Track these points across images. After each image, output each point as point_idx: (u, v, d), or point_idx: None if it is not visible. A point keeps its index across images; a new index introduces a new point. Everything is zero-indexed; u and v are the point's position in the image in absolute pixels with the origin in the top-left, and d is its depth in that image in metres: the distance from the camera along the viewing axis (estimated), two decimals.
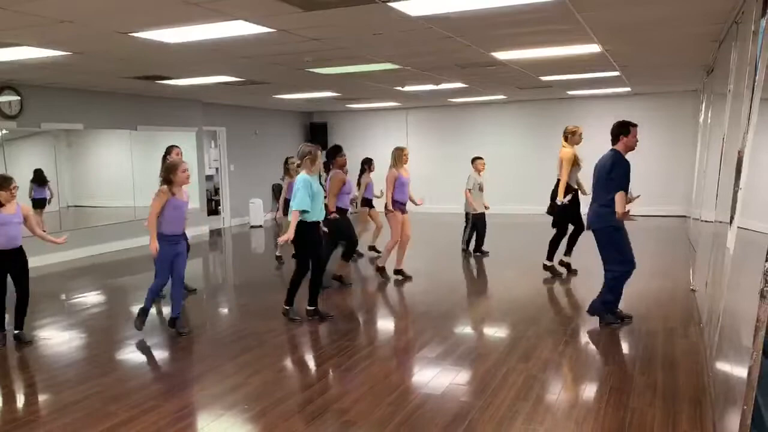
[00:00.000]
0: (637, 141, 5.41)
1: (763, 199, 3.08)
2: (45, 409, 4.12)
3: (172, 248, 5.53)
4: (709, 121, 7.71)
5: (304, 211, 5.68)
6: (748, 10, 4.12)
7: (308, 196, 5.66)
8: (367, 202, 9.39)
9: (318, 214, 5.85)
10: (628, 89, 12.27)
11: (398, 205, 7.58)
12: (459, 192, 9.22)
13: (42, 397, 4.38)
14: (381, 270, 7.83)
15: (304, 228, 5.75)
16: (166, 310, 6.13)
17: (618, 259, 5.41)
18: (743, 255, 3.12)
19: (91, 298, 7.45)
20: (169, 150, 7.16)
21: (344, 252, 7.46)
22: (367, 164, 9.46)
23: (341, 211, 7.25)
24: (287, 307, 6.05)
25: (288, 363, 5.04)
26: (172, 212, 5.44)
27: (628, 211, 5.24)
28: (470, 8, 4.88)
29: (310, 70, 8.21)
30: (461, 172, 9.26)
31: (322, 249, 6.13)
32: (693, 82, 11.22)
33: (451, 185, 10.03)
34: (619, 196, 5.23)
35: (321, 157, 6.02)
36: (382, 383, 4.35)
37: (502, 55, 7.38)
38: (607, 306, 5.56)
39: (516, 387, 4.18)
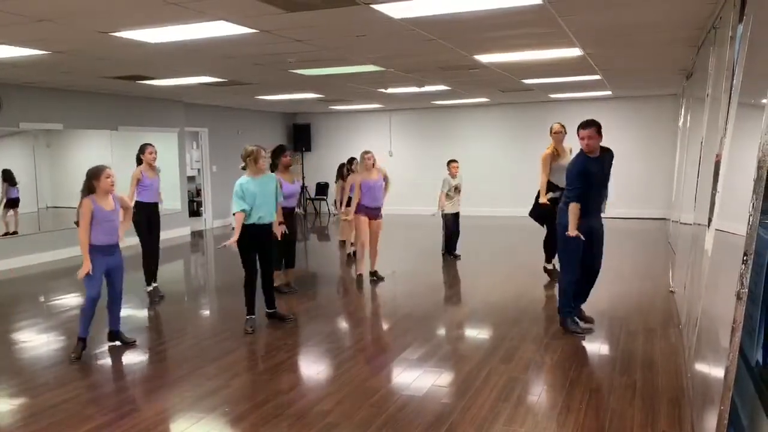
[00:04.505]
0: (584, 141, 5.17)
1: (740, 201, 3.12)
2: (21, 413, 4.05)
3: (104, 260, 5.01)
4: (688, 124, 7.80)
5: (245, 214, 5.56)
6: (725, 15, 4.19)
7: (241, 198, 5.57)
8: None
9: (263, 218, 5.71)
10: (609, 93, 12.39)
11: (364, 209, 7.50)
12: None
13: (18, 401, 4.30)
14: (359, 277, 7.73)
15: (244, 232, 5.62)
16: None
17: (565, 261, 5.39)
18: (721, 257, 3.15)
19: (70, 300, 7.35)
20: (143, 148, 6.87)
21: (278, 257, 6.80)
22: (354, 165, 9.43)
23: (284, 214, 6.77)
24: (248, 317, 5.76)
25: (269, 365, 5.01)
26: (100, 224, 4.99)
27: (576, 235, 5.08)
28: (453, 11, 4.90)
29: (293, 71, 8.18)
30: (444, 175, 9.25)
31: (269, 252, 5.93)
32: (672, 86, 11.36)
33: (433, 187, 10.06)
34: (572, 208, 5.10)
35: (264, 156, 5.78)
36: (364, 385, 4.34)
37: (484, 58, 7.42)
38: (564, 313, 5.47)
39: (497, 388, 4.20)
